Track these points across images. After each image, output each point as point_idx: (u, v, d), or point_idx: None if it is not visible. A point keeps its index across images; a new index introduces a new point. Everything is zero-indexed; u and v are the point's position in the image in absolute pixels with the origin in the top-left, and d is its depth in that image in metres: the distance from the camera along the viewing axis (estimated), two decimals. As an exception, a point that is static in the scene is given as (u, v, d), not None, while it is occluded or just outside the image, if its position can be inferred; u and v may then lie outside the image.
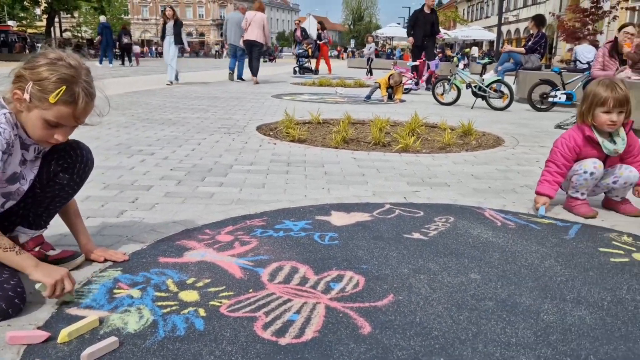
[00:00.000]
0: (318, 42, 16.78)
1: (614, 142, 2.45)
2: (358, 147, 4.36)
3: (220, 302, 1.52)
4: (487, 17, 48.14)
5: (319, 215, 2.36)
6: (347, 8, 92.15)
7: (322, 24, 17.92)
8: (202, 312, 1.46)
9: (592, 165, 2.44)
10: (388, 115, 6.45)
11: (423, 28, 10.42)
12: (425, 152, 4.19)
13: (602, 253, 2.00)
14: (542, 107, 7.46)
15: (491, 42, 31.88)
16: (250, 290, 1.60)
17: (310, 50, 16.05)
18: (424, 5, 10.58)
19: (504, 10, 35.26)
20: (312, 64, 17.07)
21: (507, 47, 9.61)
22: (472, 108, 7.61)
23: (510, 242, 2.08)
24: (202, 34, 75.49)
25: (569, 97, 7.15)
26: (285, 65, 20.04)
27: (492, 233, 2.19)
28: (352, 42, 69.30)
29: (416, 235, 2.13)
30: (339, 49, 61.63)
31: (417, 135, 4.87)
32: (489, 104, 7.55)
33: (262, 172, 3.20)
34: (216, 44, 62.87)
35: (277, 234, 2.11)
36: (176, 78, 10.93)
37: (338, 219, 2.32)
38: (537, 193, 2.52)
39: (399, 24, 51.40)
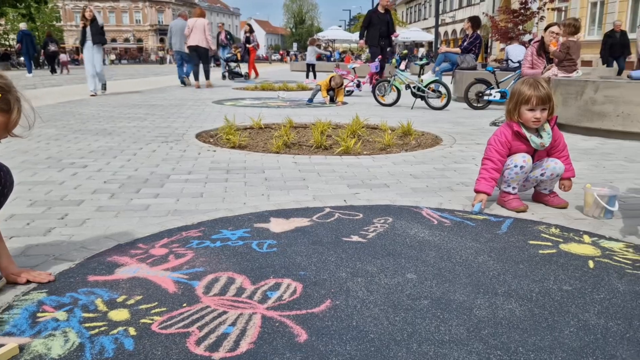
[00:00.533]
0: (247, 45, 16.13)
1: (541, 137, 2.56)
2: (300, 151, 4.35)
3: (152, 320, 1.46)
4: (425, 18, 49.42)
5: (257, 223, 2.33)
6: (288, 11, 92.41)
7: (251, 27, 17.06)
8: (132, 331, 1.40)
9: (521, 159, 2.54)
10: (330, 118, 6.49)
11: (379, 29, 10.11)
12: (366, 153, 4.23)
13: (531, 246, 2.07)
14: (478, 105, 7.72)
15: (430, 43, 32.78)
16: (184, 305, 1.55)
17: (239, 55, 15.37)
18: (377, 5, 10.36)
19: (440, 12, 36.33)
20: (243, 68, 16.59)
21: (443, 48, 9.89)
22: (412, 108, 7.78)
23: (445, 240, 2.13)
24: (140, 40, 73.52)
25: (503, 95, 7.42)
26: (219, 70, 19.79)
27: (429, 232, 2.23)
28: (295, 45, 69.43)
29: (355, 238, 2.14)
30: (281, 52, 61.60)
31: (358, 137, 4.92)
32: (428, 104, 7.73)
33: (200, 181, 3.13)
34: (160, 50, 61.36)
35: (214, 244, 2.06)
36: (103, 87, 10.10)
37: (277, 225, 2.30)
38: (476, 191, 2.59)
39: (340, 26, 52.02)
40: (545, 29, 6.22)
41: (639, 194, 2.92)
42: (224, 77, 15.77)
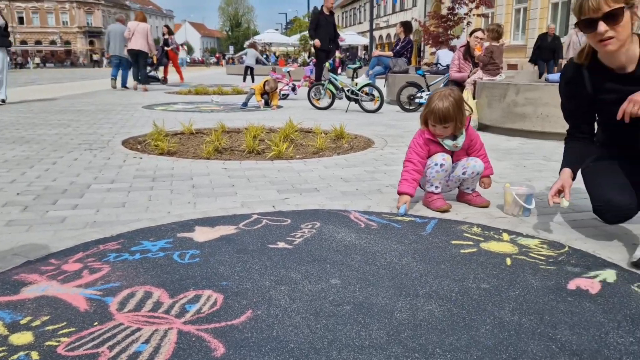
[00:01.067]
0: (165, 48, 14.99)
1: (454, 138, 2.64)
2: (232, 157, 4.28)
3: (59, 341, 1.37)
4: (360, 22, 50.28)
5: (181, 232, 2.25)
6: (223, 14, 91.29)
7: (169, 29, 15.76)
8: (35, 355, 1.31)
9: (441, 158, 2.61)
10: (264, 122, 6.44)
11: (327, 31, 9.97)
12: (298, 157, 4.22)
13: (454, 245, 2.12)
14: (410, 107, 7.90)
15: (365, 47, 33.38)
16: (95, 324, 1.46)
17: (155, 58, 14.00)
18: (322, 6, 10.19)
19: (375, 16, 37.08)
20: (161, 72, 15.72)
21: (376, 52, 10.07)
22: (346, 111, 7.86)
23: (371, 243, 2.14)
24: (67, 42, 70.29)
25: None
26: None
27: (356, 235, 2.23)
28: (231, 48, 68.67)
29: (281, 245, 2.11)
30: (217, 55, 60.74)
31: (291, 142, 4.90)
32: (361, 107, 7.84)
33: (123, 190, 3.00)
34: (95, 53, 58.83)
35: (133, 257, 1.97)
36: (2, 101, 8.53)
37: (201, 234, 2.23)
38: (399, 193, 2.62)
39: (277, 29, 51.94)
40: (470, 34, 6.46)
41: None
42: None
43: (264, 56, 26.05)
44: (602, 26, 1.95)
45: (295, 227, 2.35)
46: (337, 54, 9.28)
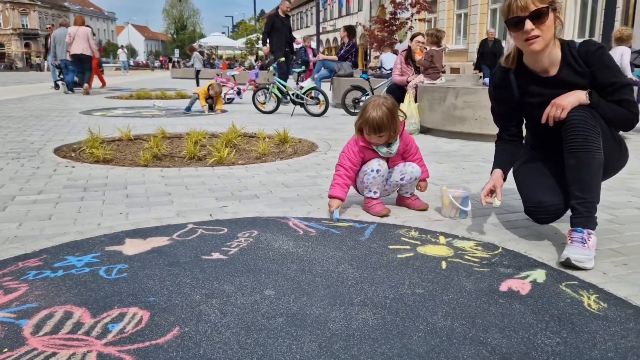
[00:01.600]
0: None
1: (389, 145, 2.65)
2: (171, 163, 4.15)
3: (-38, 372, 1.26)
4: (307, 26, 50.45)
5: (110, 246, 2.14)
6: (168, 17, 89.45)
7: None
8: None
9: (376, 163, 2.61)
10: (207, 127, 6.32)
11: (283, 34, 9.70)
12: (241, 163, 4.14)
13: (391, 250, 2.12)
14: (355, 111, 7.95)
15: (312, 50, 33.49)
16: (5, 350, 1.35)
17: None
18: (277, 9, 9.93)
19: (321, 20, 37.30)
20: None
21: (321, 56, 10.09)
22: (292, 115, 7.82)
23: (309, 251, 2.10)
24: (1, 45, 66.90)
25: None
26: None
27: (293, 243, 2.19)
28: (177, 51, 67.33)
29: (215, 256, 2.04)
30: (162, 59, 59.19)
31: (233, 147, 4.82)
32: (307, 111, 7.82)
33: (51, 202, 2.84)
34: (37, 57, 55.99)
35: (55, 274, 1.85)
36: None
37: (132, 247, 2.13)
38: (330, 197, 2.60)
39: (223, 32, 51.34)
40: (412, 39, 6.57)
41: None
42: (56, 86, 13.79)
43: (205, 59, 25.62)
44: (528, 24, 2.02)
45: (232, 236, 2.28)
46: (281, 59, 9.15)
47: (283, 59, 8.97)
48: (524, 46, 2.12)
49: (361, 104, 7.81)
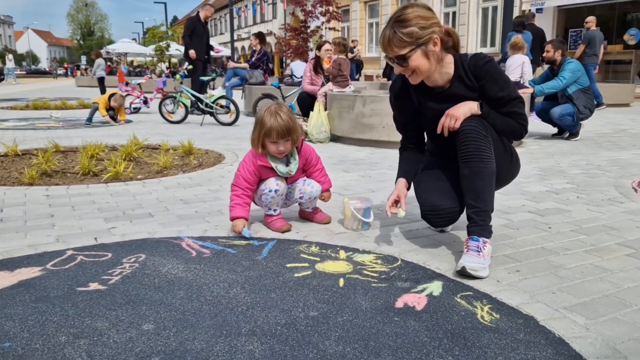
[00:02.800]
0: None
1: (288, 163, 2.54)
2: (62, 180, 3.81)
3: None
4: (221, 33, 49.73)
5: (-32, 281, 1.87)
6: (73, 22, 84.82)
7: None
8: None
9: (274, 183, 2.49)
10: (108, 139, 5.95)
11: (203, 40, 9.20)
12: (140, 177, 3.89)
13: (288, 269, 2.01)
14: (267, 120, 7.83)
15: (228, 58, 33.00)
16: None
17: None
18: (198, 13, 9.39)
19: (236, 27, 36.89)
20: None
21: (232, 64, 9.87)
22: (201, 125, 7.57)
23: (200, 275, 1.95)
24: None
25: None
26: None
27: (184, 267, 2.03)
28: (83, 58, 63.90)
29: (93, 286, 1.84)
30: (66, 65, 55.59)
31: (134, 160, 4.54)
32: (217, 120, 7.60)
33: None
34: None
35: None
36: None
37: (-6, 281, 1.87)
38: (232, 219, 2.45)
39: (134, 39, 49.37)
40: (318, 48, 6.56)
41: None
42: None
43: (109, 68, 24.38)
44: (396, 68, 2.10)
45: (116, 262, 2.08)
46: (189, 66, 8.81)
47: (190, 66, 8.67)
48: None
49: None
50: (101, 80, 14.74)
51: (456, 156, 2.14)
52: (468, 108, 2.09)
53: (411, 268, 2.04)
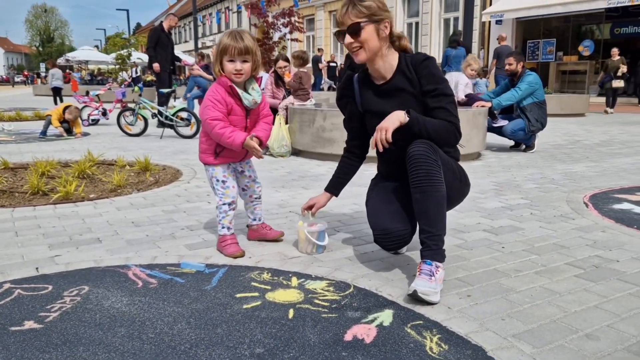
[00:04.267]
0: None
1: (250, 94, 2.43)
2: (8, 201, 3.66)
3: None
4: (186, 41, 49.16)
5: None
6: (32, 28, 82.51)
7: None
8: None
9: (230, 199, 2.46)
10: (61, 155, 5.78)
11: (167, 50, 8.93)
12: (93, 197, 3.76)
13: (237, 300, 1.96)
14: (229, 132, 7.74)
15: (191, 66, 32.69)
16: None
17: None
18: (162, 23, 9.11)
19: (200, 35, 36.54)
20: None
21: (196, 70, 9.62)
22: (161, 138, 7.42)
23: (145, 308, 1.87)
24: None
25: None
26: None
27: (128, 300, 1.95)
28: (42, 65, 62.15)
29: (28, 325, 1.74)
30: (26, 73, 53.88)
31: (87, 178, 4.39)
32: (177, 133, 7.47)
33: None
34: None
35: None
36: None
37: None
38: (241, 142, 2.35)
39: (96, 46, 48.33)
40: (275, 62, 6.52)
41: (352, 222, 3.11)
42: None
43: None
44: (347, 38, 2.18)
45: (56, 295, 1.98)
46: (148, 77, 8.66)
47: (151, 78, 8.49)
48: (352, 56, 2.24)
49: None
50: (57, 90, 14.40)
51: (405, 177, 2.14)
52: (395, 117, 2.12)
53: (363, 295, 2.01)
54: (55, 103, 14.88)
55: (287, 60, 6.42)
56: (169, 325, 1.75)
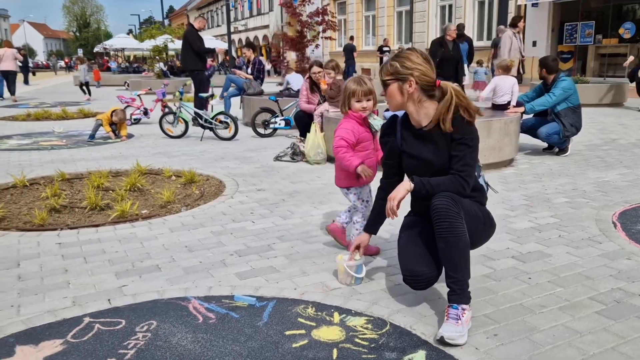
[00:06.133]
0: None
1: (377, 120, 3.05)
2: (71, 217, 4.02)
3: None
4: (218, 25, 49.52)
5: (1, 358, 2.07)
6: (69, 14, 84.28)
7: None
8: None
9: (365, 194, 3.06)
10: (111, 162, 6.14)
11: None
12: (145, 213, 4.08)
13: (287, 338, 2.22)
14: (266, 133, 8.01)
15: (225, 52, 33.02)
16: None
17: None
18: (191, 25, 9.39)
19: (232, 19, 36.79)
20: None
21: (238, 72, 9.85)
22: (201, 140, 7.74)
23: (207, 347, 2.15)
24: None
25: (287, 122, 7.82)
26: None
27: (192, 337, 2.23)
28: (80, 51, 63.64)
29: (111, 363, 2.04)
30: (67, 60, 54.94)
31: (138, 191, 4.73)
32: (216, 135, 7.77)
33: None
34: None
35: None
36: None
37: (23, 358, 2.08)
38: (355, 167, 2.98)
39: (130, 31, 49.12)
40: (310, 68, 6.72)
41: (387, 247, 3.32)
42: None
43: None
44: (383, 88, 2.53)
45: (130, 331, 2.28)
46: (187, 82, 8.99)
47: (189, 82, 8.81)
48: None
49: (271, 126, 7.88)
50: (86, 84, 15.83)
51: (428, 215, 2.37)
52: (402, 187, 2.41)
53: (399, 334, 2.24)
54: (85, 93, 16.09)
55: (321, 65, 6.60)
56: (230, 365, 2.03)
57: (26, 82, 24.14)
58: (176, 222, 3.87)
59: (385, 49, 16.89)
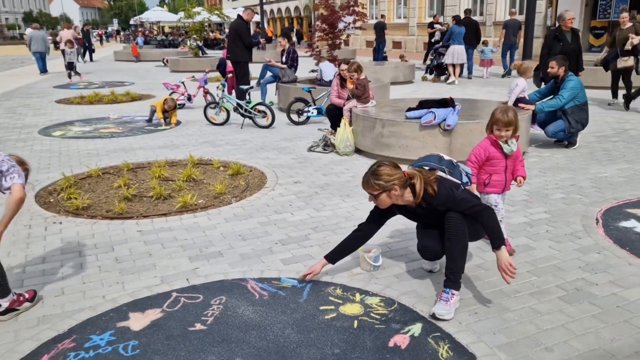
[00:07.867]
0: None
1: (509, 145, 3.53)
2: (142, 207, 4.89)
3: None
4: (250, -5, 49.65)
5: (119, 322, 2.95)
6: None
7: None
8: None
9: (494, 200, 3.70)
10: (165, 151, 7.00)
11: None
12: (202, 203, 4.93)
13: (321, 312, 3.04)
14: (300, 121, 8.77)
15: (257, 23, 33.57)
16: None
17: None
18: (240, 16, 10.11)
19: (264, -9, 37.06)
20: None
21: (274, 62, 10.54)
22: (241, 127, 8.56)
23: (264, 317, 2.99)
24: None
25: (319, 111, 8.56)
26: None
27: (252, 309, 3.07)
28: (115, 21, 64.77)
29: (198, 327, 2.90)
30: (100, 32, 55.61)
31: (193, 181, 5.58)
32: (255, 123, 8.58)
33: (56, 271, 3.58)
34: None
35: (88, 354, 2.66)
36: None
37: (136, 322, 2.95)
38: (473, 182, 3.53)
39: (162, 1, 49.63)
40: (338, 65, 7.48)
41: (401, 238, 4.08)
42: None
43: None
44: (369, 197, 3.15)
45: (207, 304, 3.14)
46: (229, 75, 9.83)
47: (230, 75, 9.58)
48: None
49: (305, 114, 8.63)
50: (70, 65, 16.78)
51: (438, 225, 3.12)
52: (505, 256, 3.01)
53: (403, 311, 3.04)
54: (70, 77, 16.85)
55: (347, 63, 7.26)
56: (281, 329, 2.86)
57: (87, 59, 25.24)
58: (229, 213, 4.71)
59: (436, 25, 17.35)
